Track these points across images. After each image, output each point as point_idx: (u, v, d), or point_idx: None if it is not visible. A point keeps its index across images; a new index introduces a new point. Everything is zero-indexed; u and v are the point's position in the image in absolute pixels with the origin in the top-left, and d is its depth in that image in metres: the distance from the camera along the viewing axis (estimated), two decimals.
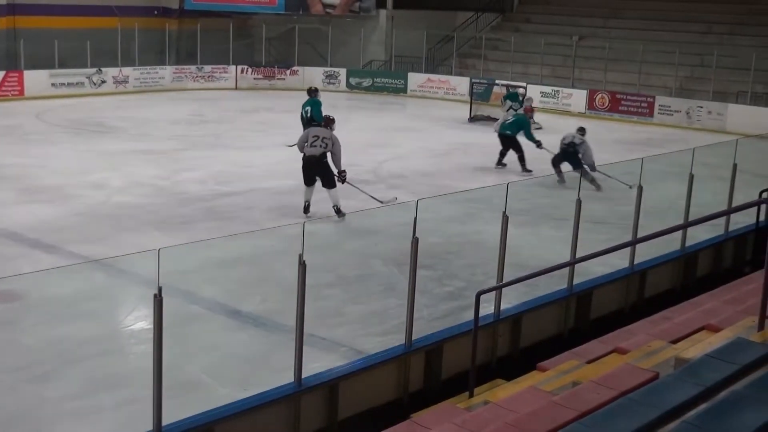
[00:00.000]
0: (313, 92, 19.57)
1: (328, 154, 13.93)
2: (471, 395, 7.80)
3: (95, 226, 13.48)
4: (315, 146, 13.91)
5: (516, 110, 23.73)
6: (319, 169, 13.94)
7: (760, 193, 12.63)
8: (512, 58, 30.83)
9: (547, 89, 29.51)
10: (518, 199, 11.67)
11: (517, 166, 18.18)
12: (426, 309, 9.62)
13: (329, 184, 13.97)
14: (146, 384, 6.59)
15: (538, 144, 18.25)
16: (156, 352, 6.47)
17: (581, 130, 17.15)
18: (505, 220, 9.02)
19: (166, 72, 31.31)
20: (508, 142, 18.53)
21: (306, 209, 14.05)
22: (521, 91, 25.17)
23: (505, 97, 24.74)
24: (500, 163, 18.81)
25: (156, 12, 33.20)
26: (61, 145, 20.12)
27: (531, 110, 23.42)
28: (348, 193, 15.90)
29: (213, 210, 14.55)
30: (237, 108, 27.66)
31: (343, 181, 14.03)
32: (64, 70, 28.41)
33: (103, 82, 29.39)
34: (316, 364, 7.99)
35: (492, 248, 9.45)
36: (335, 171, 13.92)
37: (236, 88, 32.07)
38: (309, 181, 14.10)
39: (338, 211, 13.89)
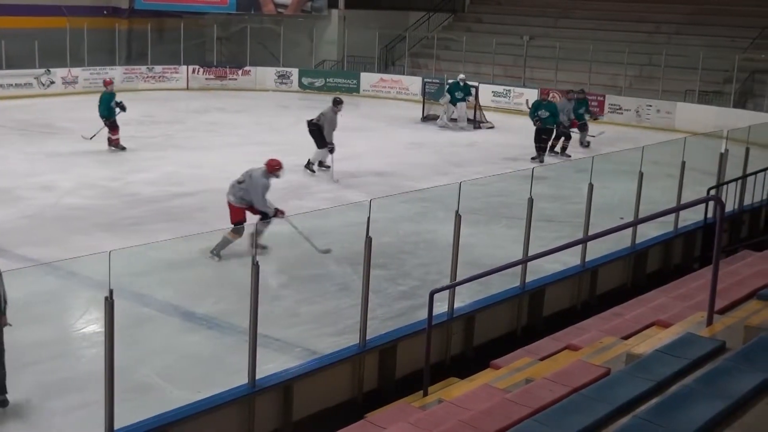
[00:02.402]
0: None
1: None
2: (425, 394, 7.82)
3: (45, 228, 13.30)
4: None
5: (465, 99, 24.14)
6: None
7: (708, 191, 12.83)
8: (464, 58, 30.96)
9: (499, 89, 29.67)
10: (471, 198, 11.73)
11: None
12: (380, 308, 9.63)
13: None
14: (98, 388, 6.53)
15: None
16: (108, 355, 6.41)
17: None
18: (458, 219, 9.07)
19: (116, 72, 30.89)
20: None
21: None
22: (461, 76, 25.42)
23: (448, 90, 24.89)
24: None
25: (105, 12, 32.80)
26: (9, 146, 19.80)
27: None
28: (301, 194, 15.89)
29: (165, 211, 14.42)
30: (188, 108, 27.43)
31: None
32: (11, 71, 27.93)
33: (52, 82, 28.96)
34: (270, 365, 7.97)
35: (445, 247, 9.49)
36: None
37: (188, 89, 31.80)
38: None
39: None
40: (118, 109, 19.71)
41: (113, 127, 19.66)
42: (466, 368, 8.55)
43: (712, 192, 12.74)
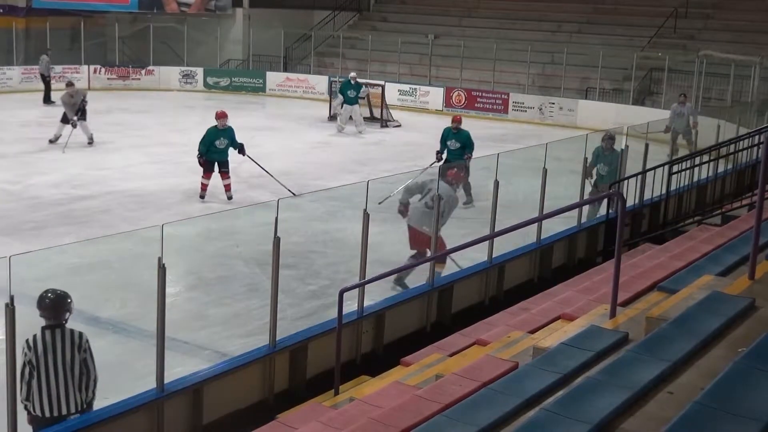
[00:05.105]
0: None
1: None
2: (336, 393, 7.82)
3: None
4: None
5: (360, 97, 23.85)
6: None
7: (610, 186, 13.13)
8: (370, 57, 31.09)
9: (405, 87, 29.87)
10: (379, 197, 11.76)
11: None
12: (290, 309, 9.59)
13: None
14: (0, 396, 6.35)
15: None
16: (10, 363, 6.24)
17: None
18: (366, 217, 9.08)
19: (14, 73, 30.14)
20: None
21: None
22: (352, 74, 24.91)
23: (340, 90, 24.49)
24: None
25: (2, 10, 31.89)
26: None
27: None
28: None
29: (68, 214, 14.11)
30: (90, 109, 26.71)
31: None
32: None
33: None
34: (179, 369, 7.87)
35: (354, 246, 9.50)
36: None
37: (89, 89, 31.07)
38: None
39: None
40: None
41: (209, 169, 15.51)
42: (377, 366, 8.57)
43: (614, 187, 13.03)
